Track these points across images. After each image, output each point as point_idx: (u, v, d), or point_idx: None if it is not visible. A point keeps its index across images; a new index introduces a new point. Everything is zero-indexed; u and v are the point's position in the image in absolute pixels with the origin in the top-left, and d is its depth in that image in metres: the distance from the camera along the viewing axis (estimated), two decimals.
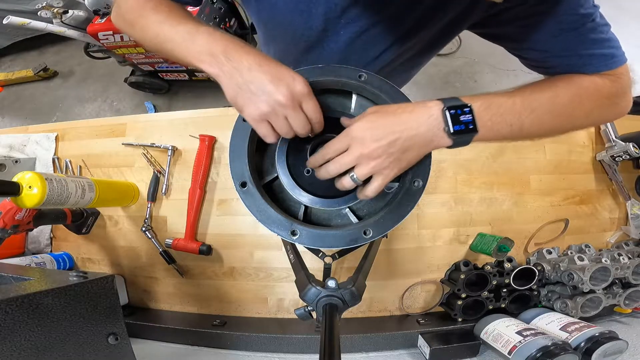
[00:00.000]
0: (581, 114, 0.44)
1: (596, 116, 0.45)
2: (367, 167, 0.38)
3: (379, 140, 0.37)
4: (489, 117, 0.39)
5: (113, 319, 0.44)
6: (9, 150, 0.86)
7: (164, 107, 2.11)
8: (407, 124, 0.38)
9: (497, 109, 0.40)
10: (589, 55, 0.43)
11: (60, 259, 0.80)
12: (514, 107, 0.40)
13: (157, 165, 0.80)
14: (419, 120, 0.38)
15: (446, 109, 0.38)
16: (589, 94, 0.43)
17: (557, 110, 0.42)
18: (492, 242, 0.71)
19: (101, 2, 1.49)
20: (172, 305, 0.80)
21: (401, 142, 0.38)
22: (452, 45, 2.22)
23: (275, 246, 0.76)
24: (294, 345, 0.68)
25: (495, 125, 0.40)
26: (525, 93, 0.41)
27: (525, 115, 0.40)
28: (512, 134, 0.41)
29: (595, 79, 0.44)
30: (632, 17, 2.34)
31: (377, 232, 0.42)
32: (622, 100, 0.45)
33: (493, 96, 0.41)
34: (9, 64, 2.45)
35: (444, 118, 0.38)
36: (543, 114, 0.41)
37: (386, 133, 0.37)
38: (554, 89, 0.42)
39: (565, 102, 0.42)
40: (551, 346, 0.54)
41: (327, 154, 0.40)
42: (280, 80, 0.37)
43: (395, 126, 0.38)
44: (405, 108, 0.39)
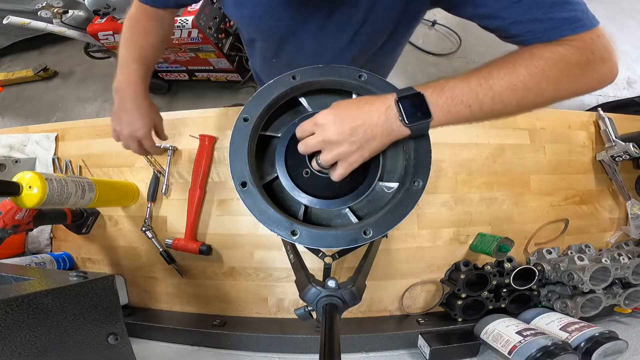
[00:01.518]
0: (548, 86, 0.42)
1: (568, 87, 0.43)
2: (330, 154, 0.41)
3: (341, 127, 0.39)
4: (443, 100, 0.40)
5: (113, 319, 0.44)
6: (9, 150, 0.86)
7: (164, 107, 2.10)
8: (368, 114, 0.40)
9: (451, 91, 0.40)
10: (550, 19, 0.42)
11: (60, 259, 0.80)
12: (470, 87, 0.40)
13: (157, 165, 0.80)
14: (379, 112, 0.40)
15: (398, 99, 0.40)
16: (551, 65, 0.41)
17: (518, 85, 0.41)
18: (492, 242, 0.71)
19: (101, 2, 1.49)
20: (172, 305, 0.80)
21: (363, 131, 0.40)
22: (452, 45, 2.22)
23: (275, 246, 0.76)
24: (294, 345, 0.68)
25: (453, 108, 0.40)
26: (481, 72, 0.41)
27: (482, 94, 0.40)
28: (475, 114, 0.41)
29: (558, 48, 0.42)
30: (632, 17, 2.35)
31: (377, 232, 0.42)
32: (598, 67, 0.42)
33: (447, 80, 0.41)
34: (9, 64, 2.45)
35: (398, 109, 0.39)
36: (503, 90, 0.41)
37: (348, 121, 0.39)
38: (512, 63, 0.42)
39: (525, 75, 0.41)
40: (551, 346, 0.54)
41: (298, 134, 0.44)
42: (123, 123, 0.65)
43: (357, 116, 0.40)
44: (367, 100, 0.41)
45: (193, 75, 1.95)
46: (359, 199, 0.47)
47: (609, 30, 0.43)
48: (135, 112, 0.63)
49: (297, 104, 0.50)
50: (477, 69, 0.43)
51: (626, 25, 2.30)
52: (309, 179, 0.47)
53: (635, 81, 2.13)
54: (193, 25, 1.50)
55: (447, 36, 2.25)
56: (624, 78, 2.14)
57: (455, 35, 2.22)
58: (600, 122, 0.85)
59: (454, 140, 0.80)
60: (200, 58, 1.74)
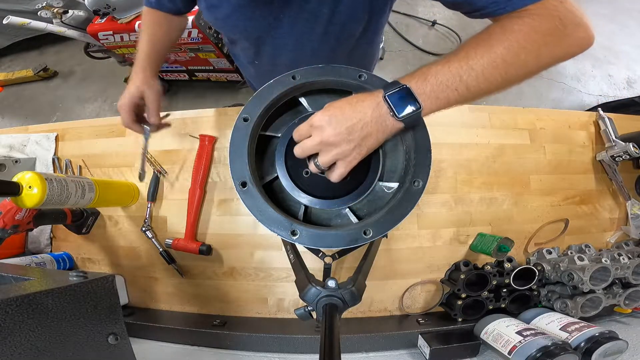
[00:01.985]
0: (527, 57, 0.42)
1: (548, 54, 0.43)
2: (329, 155, 0.41)
3: (337, 127, 0.39)
4: (429, 88, 0.41)
5: (113, 319, 0.44)
6: (9, 150, 0.86)
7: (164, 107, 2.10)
8: (362, 112, 0.40)
9: (434, 78, 0.41)
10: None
11: (60, 259, 0.80)
12: (451, 71, 0.41)
13: (157, 165, 0.80)
14: (371, 109, 0.40)
15: (385, 96, 0.40)
16: (524, 36, 0.42)
17: (498, 61, 0.41)
18: (492, 242, 0.71)
19: (101, 2, 1.49)
20: (172, 305, 0.80)
21: (359, 129, 0.40)
22: (452, 45, 2.22)
23: (275, 246, 0.76)
24: (294, 345, 0.68)
25: (440, 94, 0.41)
26: (459, 54, 0.42)
27: (466, 75, 0.41)
28: (464, 96, 0.42)
29: (526, 19, 0.42)
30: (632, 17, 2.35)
31: (377, 232, 0.42)
32: (571, 31, 0.43)
33: (429, 67, 0.42)
34: (9, 64, 2.45)
35: (387, 104, 0.40)
36: (485, 68, 0.41)
37: (344, 121, 0.39)
38: (486, 40, 0.42)
39: (502, 51, 0.41)
40: (551, 346, 0.54)
41: (295, 137, 0.43)
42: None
43: (351, 115, 0.40)
44: (359, 98, 0.41)
45: (193, 75, 1.95)
46: (359, 199, 0.47)
47: (609, 29, 0.43)
48: (129, 83, 0.65)
49: (297, 104, 0.50)
50: (455, 52, 0.43)
51: (626, 25, 2.30)
52: (309, 179, 0.47)
53: (635, 81, 2.13)
54: (193, 25, 1.50)
55: (447, 36, 2.25)
56: (624, 78, 2.14)
57: (455, 35, 2.22)
58: (600, 122, 0.85)
59: (454, 140, 0.80)
60: (200, 58, 1.74)
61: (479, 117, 0.82)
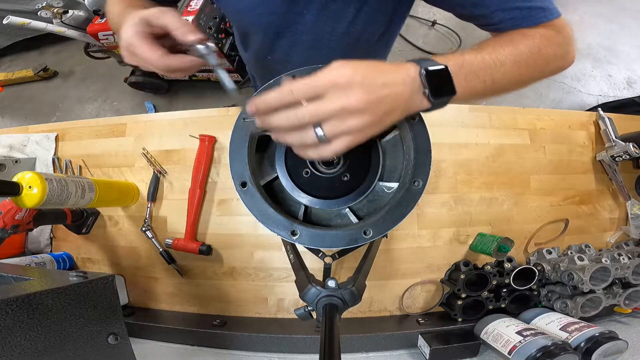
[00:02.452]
0: (541, 63, 0.46)
1: (554, 65, 0.47)
2: (342, 125, 0.31)
3: (370, 93, 0.30)
4: (463, 76, 0.39)
5: (113, 319, 0.44)
6: (9, 150, 0.86)
7: (164, 107, 2.11)
8: (395, 82, 0.33)
9: (469, 66, 0.40)
10: (528, 8, 0.46)
11: (60, 259, 0.80)
12: (484, 62, 0.41)
13: (157, 165, 0.80)
14: (404, 81, 0.34)
15: (423, 71, 0.34)
16: (545, 42, 0.45)
17: (522, 61, 0.43)
18: (492, 242, 0.71)
19: (101, 2, 1.49)
20: (172, 305, 0.80)
21: (390, 100, 0.32)
22: (452, 45, 2.22)
23: (275, 246, 0.76)
24: (294, 345, 0.68)
25: (470, 83, 0.40)
26: (488, 48, 0.42)
27: (496, 69, 0.41)
28: (486, 90, 0.42)
29: (542, 30, 0.46)
30: (633, 17, 2.34)
31: (377, 232, 0.42)
32: (570, 49, 0.48)
33: (462, 54, 0.40)
34: (9, 64, 2.45)
35: (422, 81, 0.35)
36: (511, 66, 0.42)
37: (377, 86, 0.31)
38: (512, 41, 0.44)
39: (526, 52, 0.44)
40: (551, 346, 0.54)
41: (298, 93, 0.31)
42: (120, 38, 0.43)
43: (385, 81, 0.32)
44: (389, 66, 0.34)
45: (193, 75, 1.95)
46: (359, 199, 0.47)
47: (609, 29, 0.45)
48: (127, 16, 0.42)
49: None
50: (481, 45, 0.44)
51: (626, 25, 2.30)
52: (309, 179, 0.47)
53: (635, 81, 2.13)
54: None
55: (447, 36, 2.25)
56: (624, 78, 2.14)
57: (455, 35, 2.22)
58: (600, 122, 0.85)
59: (454, 140, 0.80)
60: None
61: (479, 117, 0.82)
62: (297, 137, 0.32)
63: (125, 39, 0.41)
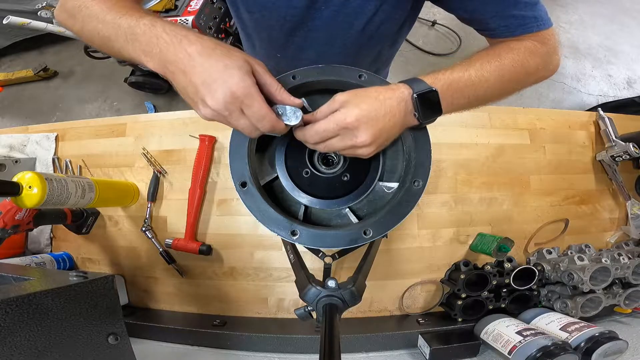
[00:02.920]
0: (524, 76, 0.48)
1: (535, 76, 0.50)
2: (353, 153, 0.40)
3: (374, 131, 0.38)
4: (450, 94, 0.42)
5: (113, 319, 0.44)
6: (9, 150, 0.86)
7: (164, 107, 2.10)
8: (391, 112, 0.39)
9: (456, 85, 0.43)
10: (522, 17, 0.48)
11: (60, 259, 0.80)
12: (470, 79, 0.43)
13: (157, 165, 0.80)
14: (399, 107, 0.39)
15: (415, 95, 0.40)
16: (528, 56, 0.48)
17: (505, 76, 0.46)
18: (492, 242, 0.71)
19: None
20: (172, 305, 0.80)
21: (390, 127, 0.39)
22: (452, 45, 2.22)
23: (275, 246, 0.76)
24: (294, 345, 0.68)
25: (456, 101, 0.43)
26: (476, 64, 0.45)
27: (479, 85, 0.44)
28: (468, 104, 0.45)
29: (528, 42, 0.49)
30: (632, 17, 2.35)
31: (377, 232, 0.42)
32: (553, 59, 0.51)
33: (451, 72, 0.43)
34: (9, 64, 2.45)
35: (414, 104, 0.40)
36: (495, 81, 0.45)
37: (379, 119, 0.38)
38: (498, 55, 0.46)
39: (510, 66, 0.46)
40: (551, 346, 0.54)
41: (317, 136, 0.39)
42: (210, 85, 0.33)
43: (383, 113, 0.38)
44: (384, 93, 0.39)
45: None
46: (359, 199, 0.47)
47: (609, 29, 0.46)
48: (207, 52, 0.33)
49: None
50: (470, 60, 0.46)
51: (626, 25, 2.30)
52: (309, 179, 0.47)
53: (635, 81, 2.13)
54: (193, 25, 1.50)
55: (447, 36, 2.25)
56: (624, 78, 2.14)
57: (455, 35, 2.22)
58: (600, 122, 0.85)
59: (454, 140, 0.80)
60: None
61: (479, 117, 0.82)
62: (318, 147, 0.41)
63: (238, 86, 0.33)
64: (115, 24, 0.37)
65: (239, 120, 0.35)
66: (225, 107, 0.34)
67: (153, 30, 0.35)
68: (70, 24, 0.44)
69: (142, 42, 0.35)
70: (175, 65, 0.34)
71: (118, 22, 0.37)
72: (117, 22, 0.37)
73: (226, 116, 0.35)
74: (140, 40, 0.35)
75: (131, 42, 0.36)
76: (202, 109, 0.35)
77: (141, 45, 0.35)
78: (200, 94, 0.34)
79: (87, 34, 0.41)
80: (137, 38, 0.35)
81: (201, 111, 0.35)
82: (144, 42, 0.35)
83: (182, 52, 0.33)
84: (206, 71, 0.33)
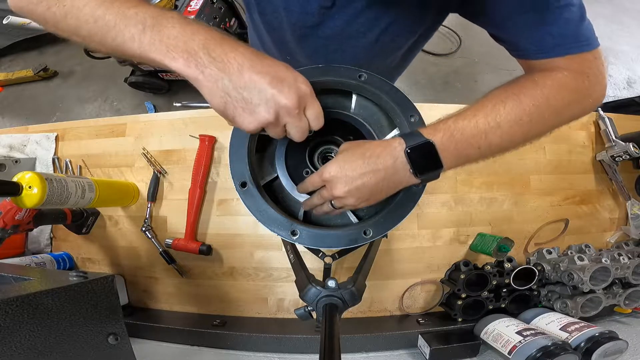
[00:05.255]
0: (551, 116, 0.42)
1: (568, 114, 0.43)
2: (340, 203, 0.41)
3: (347, 185, 0.39)
4: (453, 146, 0.39)
5: (113, 319, 0.44)
6: (9, 150, 0.86)
7: (164, 107, 2.10)
8: (374, 169, 0.38)
9: (460, 135, 0.39)
10: (560, 35, 0.41)
11: (60, 259, 0.80)
12: (478, 127, 0.39)
13: (157, 165, 0.80)
14: (385, 164, 0.38)
15: (408, 150, 0.38)
16: (555, 93, 0.41)
17: (524, 119, 0.40)
18: (492, 242, 0.71)
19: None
20: (172, 305, 0.80)
21: (370, 187, 0.39)
22: (452, 45, 2.22)
23: (275, 246, 0.76)
24: (294, 345, 0.68)
25: (462, 152, 0.39)
26: (487, 108, 0.40)
27: (491, 132, 0.39)
28: (483, 154, 0.41)
29: (558, 74, 0.42)
30: (633, 17, 2.35)
31: (377, 232, 0.42)
32: (593, 91, 0.43)
33: (455, 120, 0.39)
34: (9, 64, 2.45)
35: (407, 160, 0.38)
36: (510, 126, 0.40)
37: (354, 177, 0.38)
38: (517, 95, 0.41)
39: (530, 107, 0.40)
40: (551, 346, 0.54)
41: (308, 186, 0.44)
42: (281, 81, 0.32)
43: (363, 170, 0.38)
44: (374, 150, 0.39)
45: None
46: None
47: (609, 29, 0.44)
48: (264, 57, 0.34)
49: None
50: (482, 102, 0.41)
51: (626, 25, 2.30)
52: None
53: (635, 81, 2.13)
54: None
55: (447, 36, 2.25)
56: (624, 78, 2.14)
57: (455, 35, 2.22)
58: (600, 122, 0.85)
59: None
60: None
61: None
62: (320, 209, 0.45)
63: (306, 84, 0.34)
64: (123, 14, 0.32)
65: (301, 121, 0.35)
66: (296, 104, 0.33)
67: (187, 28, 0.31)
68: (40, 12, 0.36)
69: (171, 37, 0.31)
70: (228, 62, 0.31)
71: (129, 12, 0.32)
72: (124, 13, 0.32)
73: (286, 118, 0.34)
74: (168, 35, 0.31)
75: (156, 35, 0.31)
76: (259, 112, 0.33)
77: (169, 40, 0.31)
78: (267, 92, 0.32)
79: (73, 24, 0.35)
80: (162, 30, 0.31)
81: (257, 115, 0.33)
82: (172, 37, 0.31)
83: (233, 51, 0.31)
84: (272, 67, 0.32)
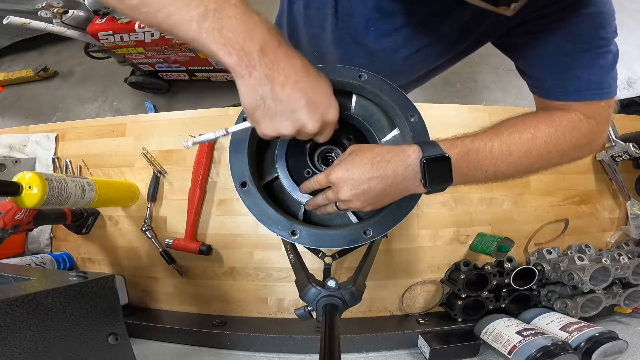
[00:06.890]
0: (555, 155, 0.43)
1: (570, 155, 0.45)
2: (345, 206, 0.41)
3: (354, 188, 0.38)
4: (465, 164, 0.39)
5: (113, 319, 0.44)
6: (9, 150, 0.86)
7: (164, 107, 2.10)
8: (383, 174, 0.38)
9: (474, 155, 0.39)
10: (586, 80, 0.42)
11: (60, 259, 0.80)
12: (492, 152, 0.40)
13: (157, 165, 0.80)
14: (396, 171, 0.38)
15: (424, 160, 0.37)
16: (566, 133, 0.42)
17: (534, 152, 0.41)
18: (492, 242, 0.71)
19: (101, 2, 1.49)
20: (172, 305, 0.80)
21: (376, 192, 0.38)
22: None
23: (275, 246, 0.76)
24: (294, 345, 0.68)
25: (471, 172, 0.40)
26: (503, 135, 0.41)
27: (502, 159, 0.40)
28: (488, 178, 0.41)
29: (573, 115, 0.43)
30: (632, 16, 2.35)
31: (377, 232, 0.42)
32: (595, 139, 0.45)
33: (472, 140, 0.40)
34: (9, 64, 2.45)
35: (422, 170, 0.38)
36: (520, 156, 0.41)
37: (362, 181, 0.38)
38: (533, 128, 0.42)
39: (541, 142, 0.41)
40: (551, 346, 0.54)
41: (313, 187, 0.43)
42: (315, 107, 0.34)
43: (371, 175, 0.38)
44: (384, 156, 0.38)
45: (193, 75, 1.95)
46: None
47: None
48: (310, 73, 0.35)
49: None
50: (499, 128, 0.42)
51: (626, 24, 2.30)
52: None
53: (635, 81, 2.13)
54: None
55: None
56: (624, 78, 2.14)
57: None
58: None
59: None
60: (200, 58, 1.73)
61: (479, 117, 0.82)
62: (324, 210, 0.45)
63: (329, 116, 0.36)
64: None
65: (311, 136, 0.38)
66: (318, 131, 0.37)
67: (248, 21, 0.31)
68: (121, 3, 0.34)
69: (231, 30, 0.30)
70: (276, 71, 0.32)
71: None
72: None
73: (309, 135, 0.37)
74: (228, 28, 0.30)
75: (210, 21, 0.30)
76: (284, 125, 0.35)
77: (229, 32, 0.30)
78: (299, 113, 0.34)
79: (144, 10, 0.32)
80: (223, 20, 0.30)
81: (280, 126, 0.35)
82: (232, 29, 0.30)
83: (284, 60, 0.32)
84: (312, 89, 0.34)
